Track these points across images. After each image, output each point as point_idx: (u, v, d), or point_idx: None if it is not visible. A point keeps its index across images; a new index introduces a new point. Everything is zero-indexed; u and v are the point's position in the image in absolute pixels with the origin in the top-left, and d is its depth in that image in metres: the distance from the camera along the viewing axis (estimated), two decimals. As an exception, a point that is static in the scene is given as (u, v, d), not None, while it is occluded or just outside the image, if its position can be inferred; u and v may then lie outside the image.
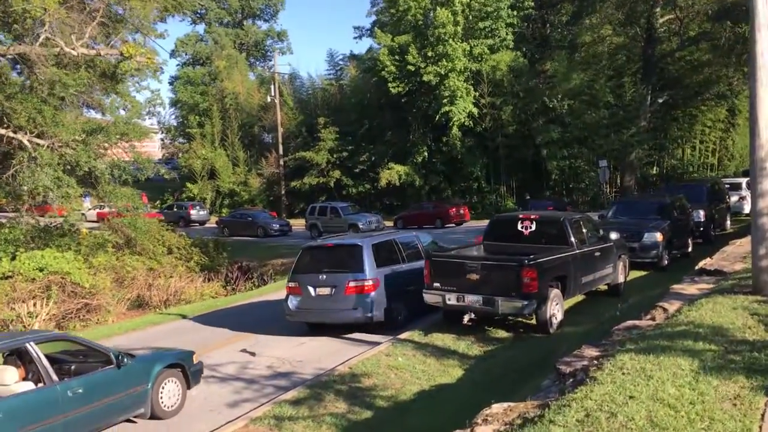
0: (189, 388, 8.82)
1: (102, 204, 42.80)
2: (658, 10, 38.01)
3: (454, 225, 33.94)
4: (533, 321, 11.36)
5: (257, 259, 30.94)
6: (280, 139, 47.91)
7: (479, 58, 39.84)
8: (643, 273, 16.54)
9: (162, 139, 61.99)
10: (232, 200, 49.67)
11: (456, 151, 40.01)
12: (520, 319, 11.85)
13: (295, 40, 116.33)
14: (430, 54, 39.00)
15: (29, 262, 19.92)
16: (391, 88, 40.31)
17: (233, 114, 52.39)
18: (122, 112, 48.60)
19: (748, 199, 23.97)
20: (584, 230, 12.57)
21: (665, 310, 8.26)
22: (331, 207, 34.98)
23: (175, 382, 8.57)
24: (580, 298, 13.38)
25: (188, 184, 50.54)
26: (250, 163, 50.73)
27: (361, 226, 33.13)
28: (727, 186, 24.77)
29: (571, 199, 39.43)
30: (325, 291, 11.96)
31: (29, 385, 7.21)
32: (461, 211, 35.18)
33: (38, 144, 21.95)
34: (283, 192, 47.52)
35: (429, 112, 40.43)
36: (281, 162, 47.62)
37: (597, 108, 37.53)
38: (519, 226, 12.45)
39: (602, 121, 37.29)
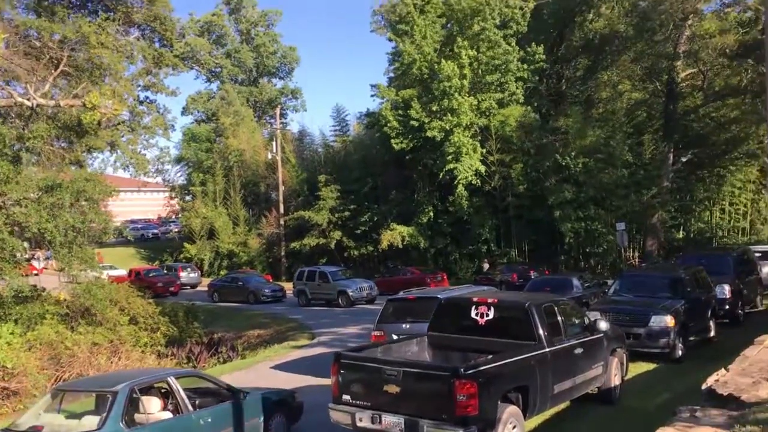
0: (292, 423, 9.74)
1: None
2: (679, 63, 35.51)
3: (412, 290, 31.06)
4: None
5: (235, 329, 28.12)
6: (281, 198, 45.72)
7: (487, 113, 37.40)
8: (651, 366, 13.36)
9: (169, 197, 60.35)
10: (230, 261, 47.21)
11: (463, 212, 37.21)
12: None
13: (313, 99, 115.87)
14: (434, 108, 36.69)
15: (-51, 338, 17.44)
16: (394, 145, 37.94)
17: (237, 171, 50.53)
18: (129, 169, 46.57)
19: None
20: (560, 319, 9.56)
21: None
22: (320, 272, 32.10)
23: (282, 418, 9.54)
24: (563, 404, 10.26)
25: (186, 245, 48.36)
26: (251, 223, 48.49)
27: (350, 294, 30.33)
28: (758, 255, 21.37)
29: (589, 264, 36.23)
30: None
31: (168, 414, 8.38)
32: (439, 278, 32.60)
33: (-15, 202, 19.92)
34: (283, 253, 44.99)
35: (434, 170, 37.89)
36: (281, 222, 45.27)
37: (614, 167, 34.51)
38: (473, 313, 9.52)
39: (620, 181, 34.26)
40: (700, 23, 34.81)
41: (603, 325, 10.31)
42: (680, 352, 13.54)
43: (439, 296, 12.82)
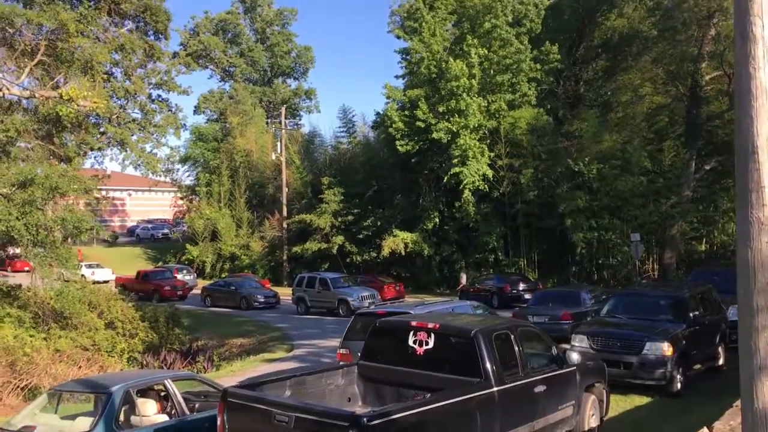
0: None
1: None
2: (704, 65, 33.37)
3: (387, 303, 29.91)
4: None
5: (220, 336, 26.67)
6: (284, 200, 44.34)
7: (496, 115, 35.58)
8: (644, 400, 11.55)
9: (178, 197, 59.39)
10: (232, 264, 45.84)
11: (469, 218, 35.41)
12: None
13: (329, 100, 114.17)
14: (441, 109, 34.98)
15: None
16: (399, 147, 36.27)
17: (242, 172, 49.28)
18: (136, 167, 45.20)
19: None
20: (518, 349, 7.85)
21: None
22: (320, 278, 30.35)
23: None
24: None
25: (188, 246, 47.18)
26: (254, 225, 47.17)
27: (351, 302, 28.65)
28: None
29: (602, 277, 34.17)
30: None
31: (164, 417, 8.20)
32: (397, 287, 32.38)
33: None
34: (284, 258, 43.54)
35: (440, 174, 36.14)
36: (284, 225, 43.85)
37: (632, 174, 32.44)
38: (411, 340, 7.86)
39: (638, 189, 32.17)
40: (727, 22, 32.67)
41: (574, 356, 8.58)
42: (679, 385, 11.66)
43: (410, 311, 12.06)
